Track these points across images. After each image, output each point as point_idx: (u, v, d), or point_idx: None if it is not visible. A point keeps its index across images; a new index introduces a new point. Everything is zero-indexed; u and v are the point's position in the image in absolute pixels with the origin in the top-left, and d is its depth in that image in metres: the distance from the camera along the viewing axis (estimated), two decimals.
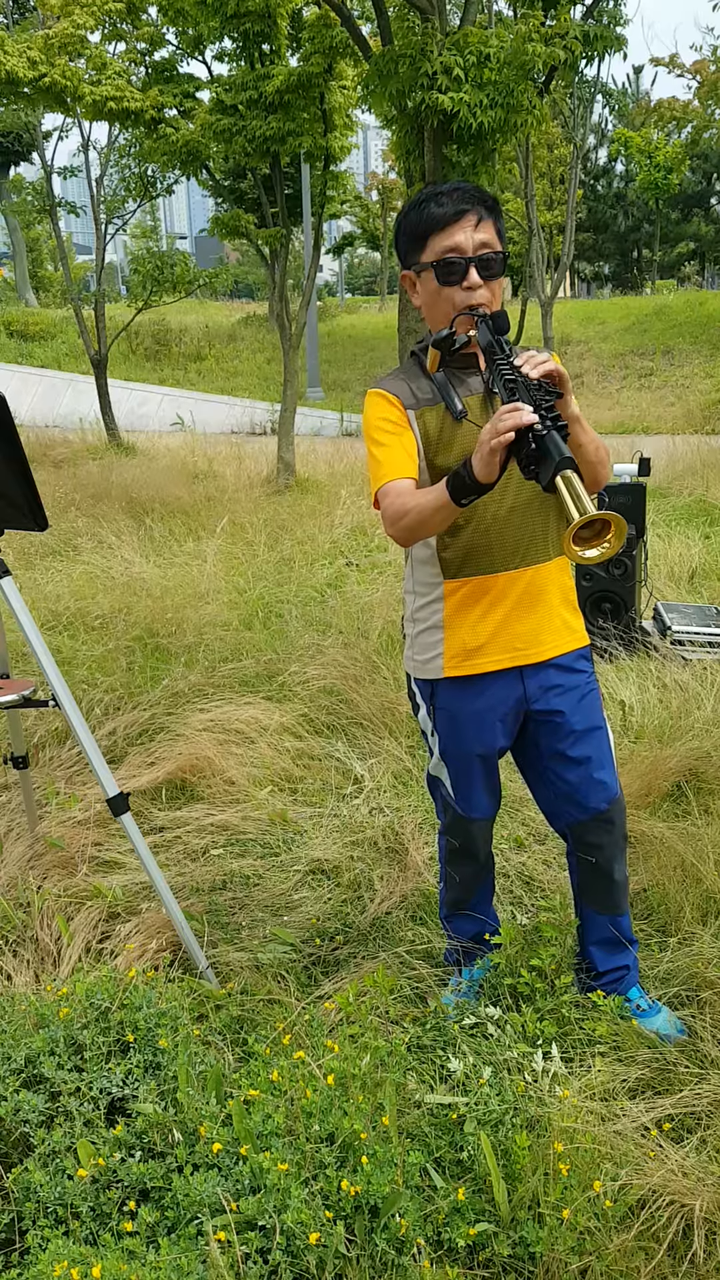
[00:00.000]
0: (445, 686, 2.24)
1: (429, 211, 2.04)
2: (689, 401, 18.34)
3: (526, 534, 2.13)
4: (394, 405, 2.12)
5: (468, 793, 2.33)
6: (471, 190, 2.05)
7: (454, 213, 2.02)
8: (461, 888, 2.50)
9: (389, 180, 32.81)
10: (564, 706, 2.21)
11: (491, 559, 2.12)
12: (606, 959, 2.39)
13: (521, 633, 2.17)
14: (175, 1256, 1.63)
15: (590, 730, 2.24)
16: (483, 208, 2.04)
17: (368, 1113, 1.87)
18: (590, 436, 2.02)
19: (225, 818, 3.49)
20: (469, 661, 2.19)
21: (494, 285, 2.06)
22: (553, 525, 2.16)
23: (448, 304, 2.06)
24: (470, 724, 2.24)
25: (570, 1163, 1.82)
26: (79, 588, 6.15)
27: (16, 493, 2.41)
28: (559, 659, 2.21)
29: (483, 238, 2.03)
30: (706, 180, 34.55)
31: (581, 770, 2.24)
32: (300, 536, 7.96)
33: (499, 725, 2.24)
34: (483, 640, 2.17)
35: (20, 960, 2.69)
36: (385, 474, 2.08)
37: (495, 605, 2.16)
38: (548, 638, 2.19)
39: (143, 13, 10.74)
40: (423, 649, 2.26)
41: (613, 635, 5.00)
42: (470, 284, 2.03)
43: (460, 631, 2.18)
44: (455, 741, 2.28)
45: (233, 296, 43.47)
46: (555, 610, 2.20)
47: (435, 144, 7.19)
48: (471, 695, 2.22)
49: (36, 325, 25.43)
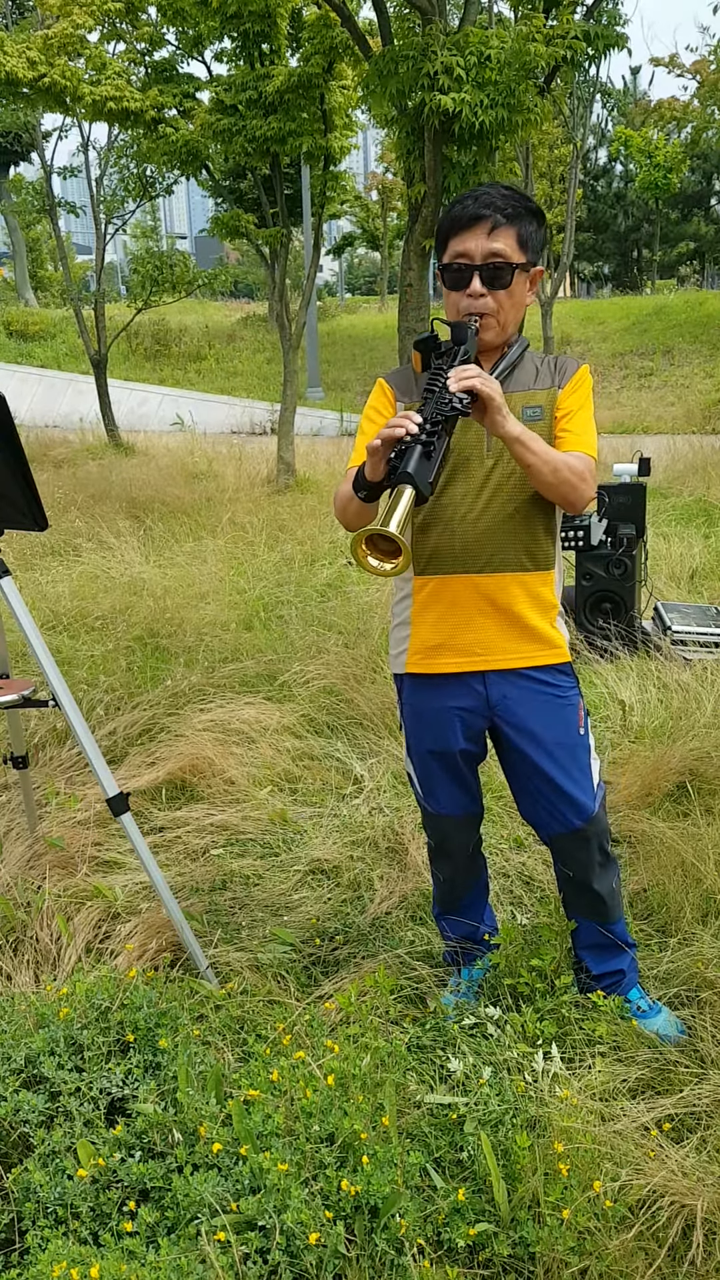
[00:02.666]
0: (409, 682, 2.26)
1: (452, 213, 2.05)
2: (689, 401, 18.34)
3: (493, 542, 2.11)
4: (386, 395, 2.18)
5: (431, 788, 2.34)
6: (498, 196, 2.03)
7: (470, 217, 2.01)
8: (445, 886, 2.50)
9: (389, 180, 32.78)
10: (534, 719, 2.19)
11: (454, 561, 2.12)
12: (599, 963, 2.39)
13: (482, 639, 2.16)
14: (175, 1257, 1.63)
15: (563, 745, 2.21)
16: (501, 215, 2.01)
17: (368, 1113, 1.87)
18: (544, 457, 1.97)
19: (225, 818, 3.49)
20: (428, 660, 2.20)
21: (501, 295, 2.04)
22: (531, 538, 2.13)
23: (454, 307, 2.07)
24: (428, 721, 2.25)
25: (570, 1163, 1.82)
26: (79, 588, 6.15)
27: (16, 493, 2.41)
28: (528, 670, 2.18)
29: (495, 246, 2.01)
30: (706, 180, 34.53)
31: (554, 786, 2.22)
32: (300, 536, 7.96)
33: (457, 726, 2.22)
34: (441, 640, 2.18)
35: (20, 960, 2.69)
36: (353, 458, 2.13)
37: (455, 607, 2.15)
38: (510, 646, 2.16)
39: (142, 13, 10.73)
40: (395, 643, 2.30)
41: (613, 635, 5.00)
42: (472, 292, 2.03)
43: (423, 629, 2.20)
44: (416, 737, 2.29)
45: (232, 296, 43.45)
46: (523, 621, 2.15)
47: (435, 144, 7.19)
48: (431, 693, 2.23)
49: (36, 325, 25.43)
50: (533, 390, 2.12)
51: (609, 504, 5.31)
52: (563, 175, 22.99)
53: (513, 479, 2.10)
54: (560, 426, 2.10)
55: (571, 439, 2.09)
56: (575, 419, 2.11)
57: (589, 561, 5.17)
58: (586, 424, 2.12)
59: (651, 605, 5.43)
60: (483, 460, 2.10)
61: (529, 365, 2.15)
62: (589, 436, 2.11)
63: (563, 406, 2.11)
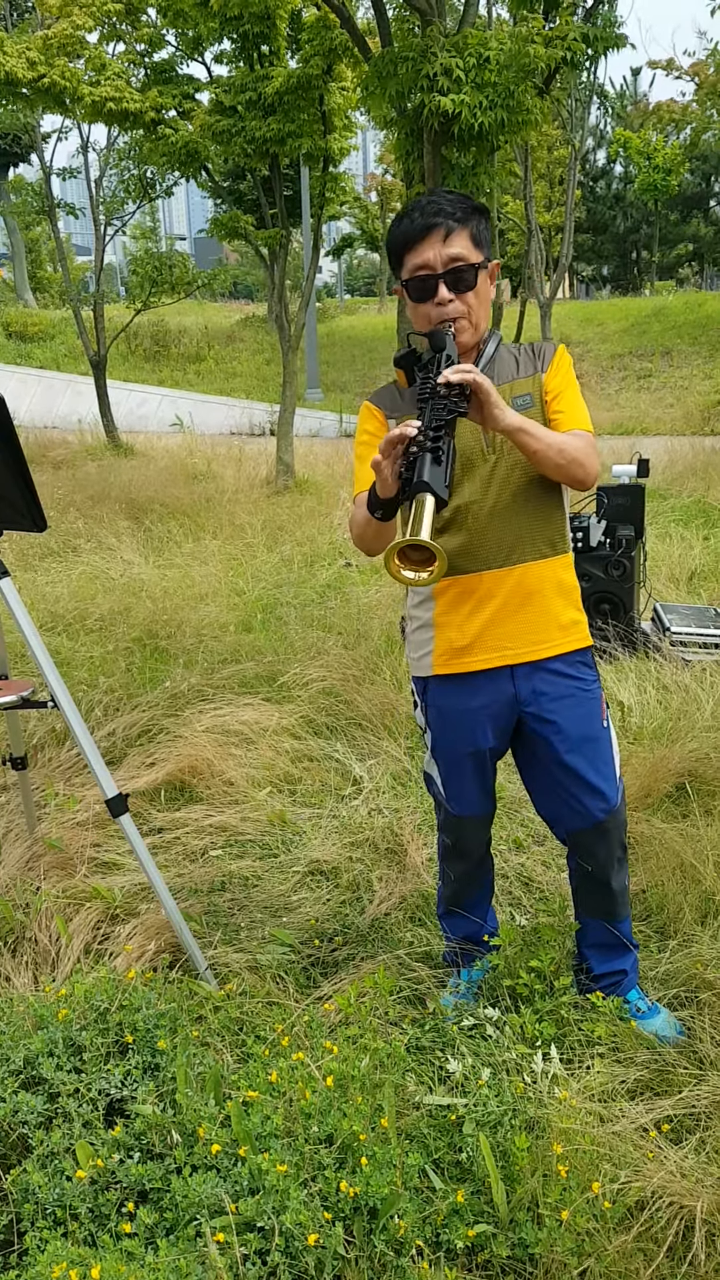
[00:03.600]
0: (436, 683, 2.25)
1: (400, 229, 2.06)
2: (688, 403, 18.34)
3: (512, 533, 2.13)
4: (375, 416, 2.19)
5: (458, 790, 2.33)
6: (443, 202, 2.03)
7: (421, 228, 2.02)
8: (456, 884, 2.50)
9: (388, 182, 32.82)
10: (559, 712, 2.20)
11: (476, 558, 2.13)
12: (603, 962, 2.39)
13: (511, 632, 2.16)
14: (174, 1258, 1.63)
15: (587, 739, 2.22)
16: (451, 220, 2.01)
17: (367, 1114, 1.87)
18: (547, 442, 2.00)
19: (224, 819, 3.49)
20: (457, 660, 2.20)
21: (469, 296, 2.05)
22: (547, 523, 2.16)
23: (424, 319, 2.08)
24: (459, 722, 2.24)
25: (569, 1164, 1.82)
26: (78, 589, 6.15)
27: (15, 494, 2.41)
28: (554, 662, 2.19)
29: (453, 251, 2.01)
30: (705, 182, 34.58)
31: (578, 779, 2.23)
32: (299, 538, 7.96)
33: (488, 724, 2.23)
34: (470, 639, 2.17)
35: (19, 961, 2.69)
36: (356, 486, 2.15)
37: (482, 604, 2.16)
38: (540, 637, 2.18)
39: (142, 14, 10.74)
40: (416, 646, 2.28)
41: (612, 636, 5.00)
42: (440, 299, 2.04)
43: (449, 630, 2.19)
44: (445, 739, 2.29)
45: (232, 297, 43.48)
46: (550, 609, 2.17)
47: (435, 145, 7.19)
48: (461, 693, 2.22)
49: (35, 326, 25.43)
50: (517, 379, 2.14)
51: (608, 505, 5.31)
52: (562, 177, 23.02)
53: (517, 470, 2.11)
54: (552, 409, 2.12)
55: (566, 418, 2.11)
56: (564, 398, 2.13)
57: (588, 562, 5.17)
58: (576, 400, 2.14)
59: (650, 606, 5.43)
60: (485, 457, 2.11)
61: (506, 357, 2.17)
62: (582, 412, 2.14)
63: (550, 389, 2.13)
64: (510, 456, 2.11)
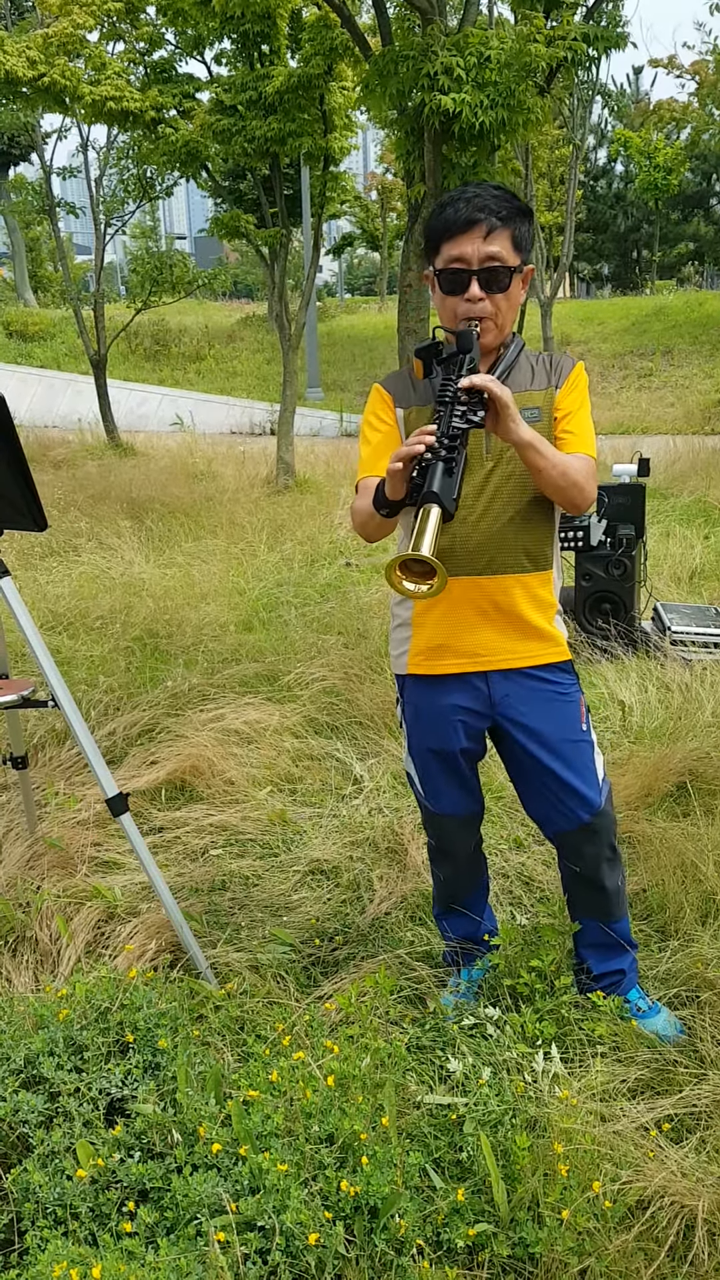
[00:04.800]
0: (412, 682, 2.27)
1: (444, 217, 2.03)
2: (689, 402, 18.34)
3: (493, 543, 2.11)
4: (385, 401, 2.18)
5: (433, 788, 2.34)
6: (489, 198, 2.01)
7: (465, 221, 2.00)
8: (445, 886, 2.50)
9: (388, 181, 32.79)
10: (535, 716, 2.20)
11: (455, 563, 2.11)
12: (601, 962, 2.39)
13: (484, 640, 2.16)
14: (174, 1257, 1.63)
15: (566, 741, 2.22)
16: (496, 218, 1.99)
17: (367, 1113, 1.87)
18: (553, 461, 1.98)
19: (225, 818, 3.49)
20: (430, 661, 2.21)
21: (499, 298, 2.03)
22: (532, 538, 2.14)
23: (450, 312, 2.06)
24: (430, 721, 2.25)
25: (570, 1163, 1.82)
26: (79, 588, 6.15)
27: (16, 493, 2.41)
28: (530, 669, 2.19)
29: (491, 250, 2.00)
30: (706, 181, 34.55)
31: (560, 782, 2.23)
32: (300, 537, 7.96)
33: (459, 726, 2.23)
34: (443, 641, 2.18)
35: (20, 961, 2.69)
36: (361, 470, 2.14)
37: (456, 608, 2.15)
38: (512, 647, 2.17)
39: (141, 12, 10.73)
40: (396, 644, 2.30)
41: (613, 636, 5.00)
42: (470, 296, 2.02)
43: (425, 630, 2.20)
44: (417, 737, 2.30)
45: (232, 297, 43.45)
46: (523, 622, 2.16)
47: (435, 145, 7.19)
48: (433, 693, 2.23)
49: (36, 325, 25.43)
50: (530, 391, 2.11)
51: (608, 504, 5.31)
52: (563, 176, 23.01)
53: (512, 481, 2.10)
54: (561, 428, 2.10)
55: (573, 440, 2.09)
56: (574, 419, 2.11)
57: (588, 562, 5.17)
58: (585, 424, 2.12)
59: (651, 606, 5.43)
60: (483, 462, 2.10)
61: (525, 365, 2.15)
62: (589, 437, 2.12)
63: (561, 407, 2.11)
64: (508, 466, 2.09)
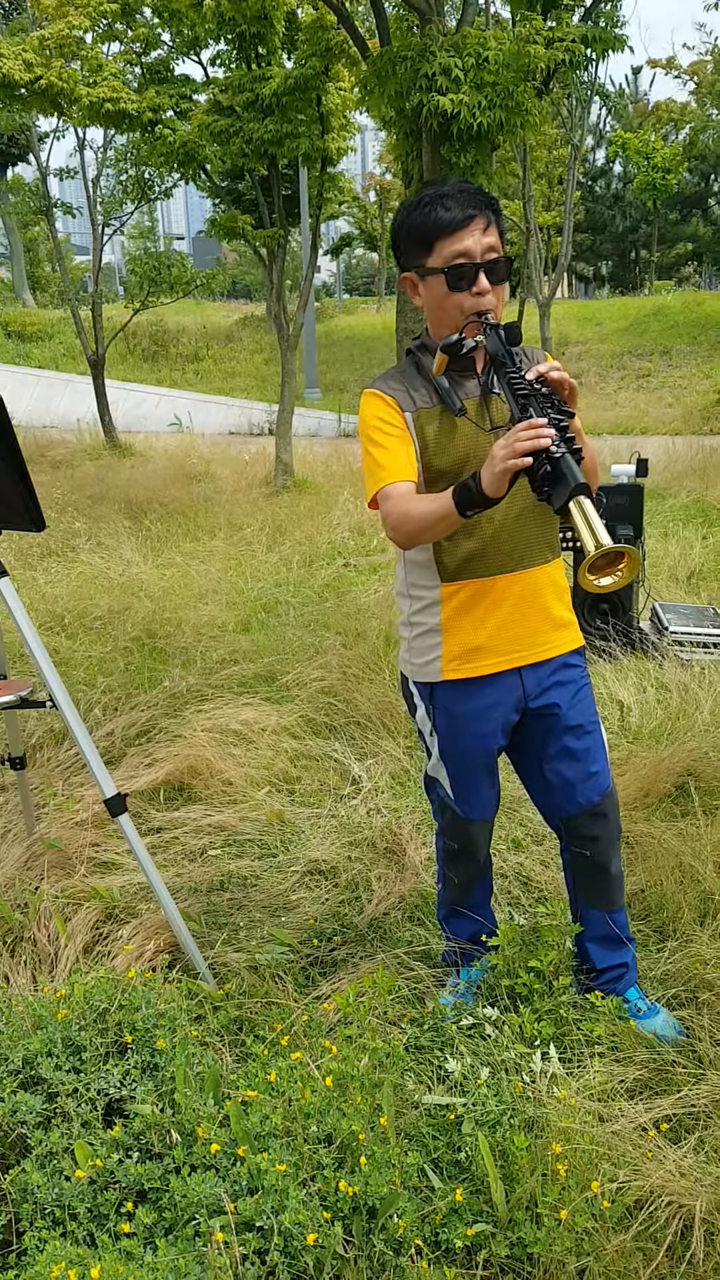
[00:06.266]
0: (445, 689, 2.24)
1: (436, 215, 2.02)
2: (687, 402, 18.35)
3: (524, 538, 2.14)
4: (391, 407, 2.11)
5: (467, 793, 2.33)
6: (475, 192, 2.04)
7: (463, 217, 2.01)
8: (460, 889, 2.50)
9: (386, 181, 32.82)
10: (560, 701, 2.23)
11: (490, 563, 2.12)
12: (605, 956, 2.39)
13: (520, 635, 2.18)
14: (173, 1257, 1.63)
15: (585, 725, 2.26)
16: (489, 211, 2.04)
17: (366, 1113, 1.87)
18: (589, 449, 2.00)
19: (223, 818, 3.49)
20: (469, 664, 2.20)
21: (500, 289, 2.07)
22: (549, 528, 2.18)
23: (456, 309, 2.05)
24: (471, 725, 2.24)
25: (568, 1163, 1.82)
26: (77, 588, 6.15)
27: (14, 493, 2.41)
28: (556, 658, 2.23)
29: (490, 241, 2.03)
30: (704, 181, 34.59)
31: (577, 764, 2.25)
32: (299, 537, 7.96)
33: (499, 724, 2.25)
34: (482, 642, 2.18)
35: (18, 961, 2.69)
36: (386, 475, 2.07)
37: (494, 608, 2.16)
38: (546, 638, 2.21)
39: (137, 13, 10.72)
40: (420, 652, 2.26)
41: (611, 636, 5.00)
42: (480, 289, 2.03)
43: (459, 634, 2.19)
44: (455, 742, 2.28)
45: (230, 297, 43.46)
46: (551, 611, 2.21)
47: (433, 145, 7.19)
48: (472, 696, 2.22)
49: (34, 326, 25.43)
50: None
51: (606, 504, 5.30)
52: (561, 176, 23.02)
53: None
54: None
55: None
56: None
57: None
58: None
59: (649, 606, 5.43)
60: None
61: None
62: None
63: None
64: None
